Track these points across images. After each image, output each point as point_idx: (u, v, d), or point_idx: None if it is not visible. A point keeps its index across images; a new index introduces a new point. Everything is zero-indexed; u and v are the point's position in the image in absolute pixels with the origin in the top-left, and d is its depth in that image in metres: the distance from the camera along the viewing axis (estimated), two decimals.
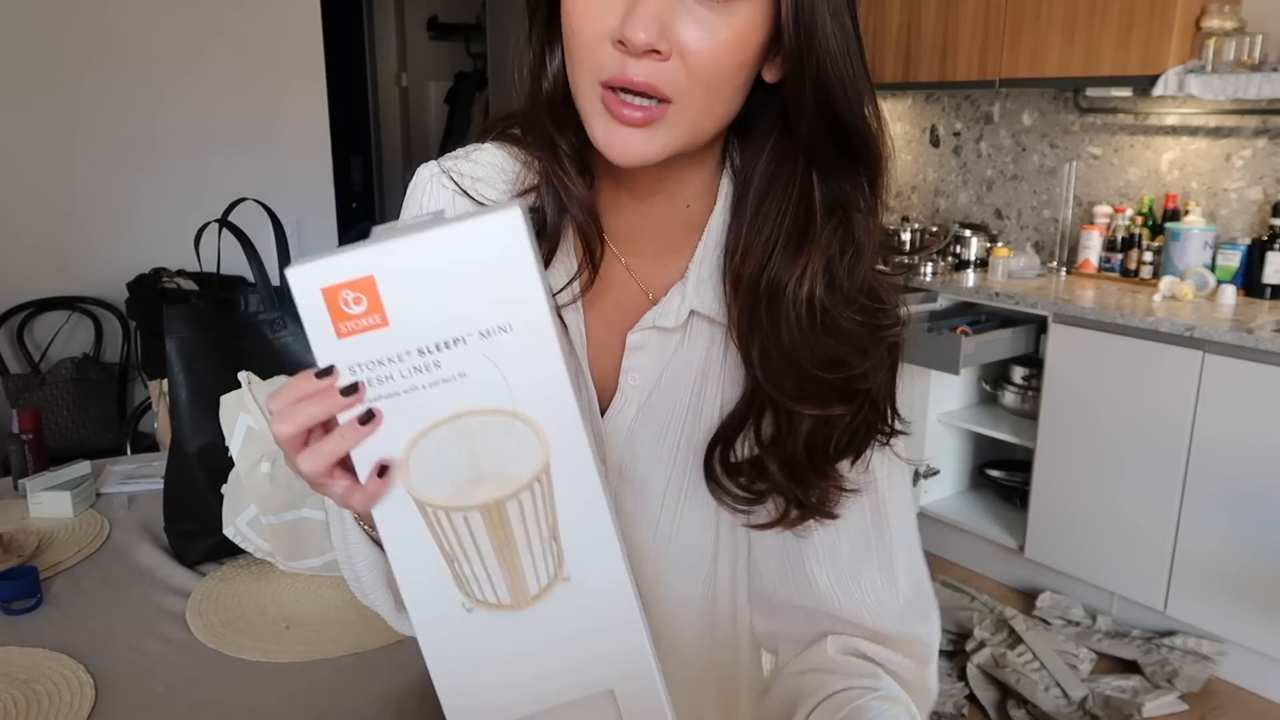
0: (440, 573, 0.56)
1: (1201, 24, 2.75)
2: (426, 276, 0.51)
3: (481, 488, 0.55)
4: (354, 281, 0.50)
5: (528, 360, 0.53)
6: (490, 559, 0.56)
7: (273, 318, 1.52)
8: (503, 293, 0.51)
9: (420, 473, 0.54)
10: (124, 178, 3.16)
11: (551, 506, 0.56)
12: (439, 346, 0.52)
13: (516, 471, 0.54)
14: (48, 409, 2.88)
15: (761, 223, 0.67)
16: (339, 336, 0.52)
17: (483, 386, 0.53)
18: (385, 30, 5.94)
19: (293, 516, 1.31)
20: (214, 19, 3.21)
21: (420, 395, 0.53)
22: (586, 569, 0.57)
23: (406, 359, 0.52)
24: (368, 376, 0.52)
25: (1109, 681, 2.54)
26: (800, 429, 0.68)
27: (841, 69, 0.61)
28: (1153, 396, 2.62)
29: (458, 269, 0.51)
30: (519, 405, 0.53)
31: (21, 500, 1.61)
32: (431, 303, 0.51)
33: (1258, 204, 2.90)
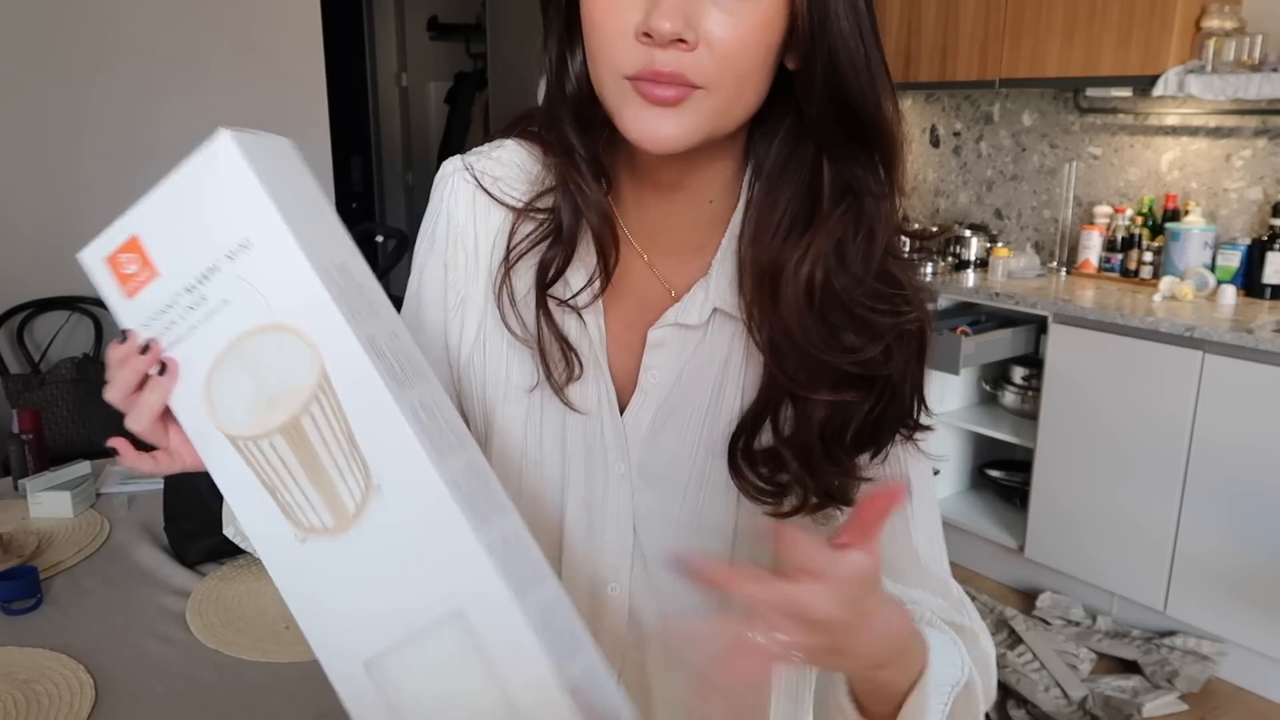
0: (269, 506, 0.57)
1: (1201, 24, 2.75)
2: (173, 221, 0.55)
3: (275, 410, 0.55)
4: (124, 244, 0.56)
5: (274, 269, 0.54)
6: (304, 482, 0.56)
7: None
8: (232, 213, 0.54)
9: (221, 408, 0.56)
10: (125, 177, 3.16)
11: (341, 413, 0.55)
12: (199, 280, 0.55)
13: (300, 382, 0.55)
14: (48, 409, 2.88)
15: (771, 207, 0.67)
16: (128, 296, 0.56)
17: (245, 308, 0.55)
18: (385, 30, 5.94)
19: None
20: (215, 19, 3.21)
21: (200, 332, 0.56)
22: (394, 477, 0.55)
23: (180, 301, 0.55)
24: (157, 329, 0.56)
25: (1109, 681, 2.54)
26: (815, 418, 0.67)
27: (854, 52, 0.62)
28: (1153, 397, 2.62)
29: (194, 206, 0.55)
30: (280, 316, 0.54)
31: (21, 500, 1.61)
32: (182, 242, 0.55)
33: (1258, 204, 2.90)
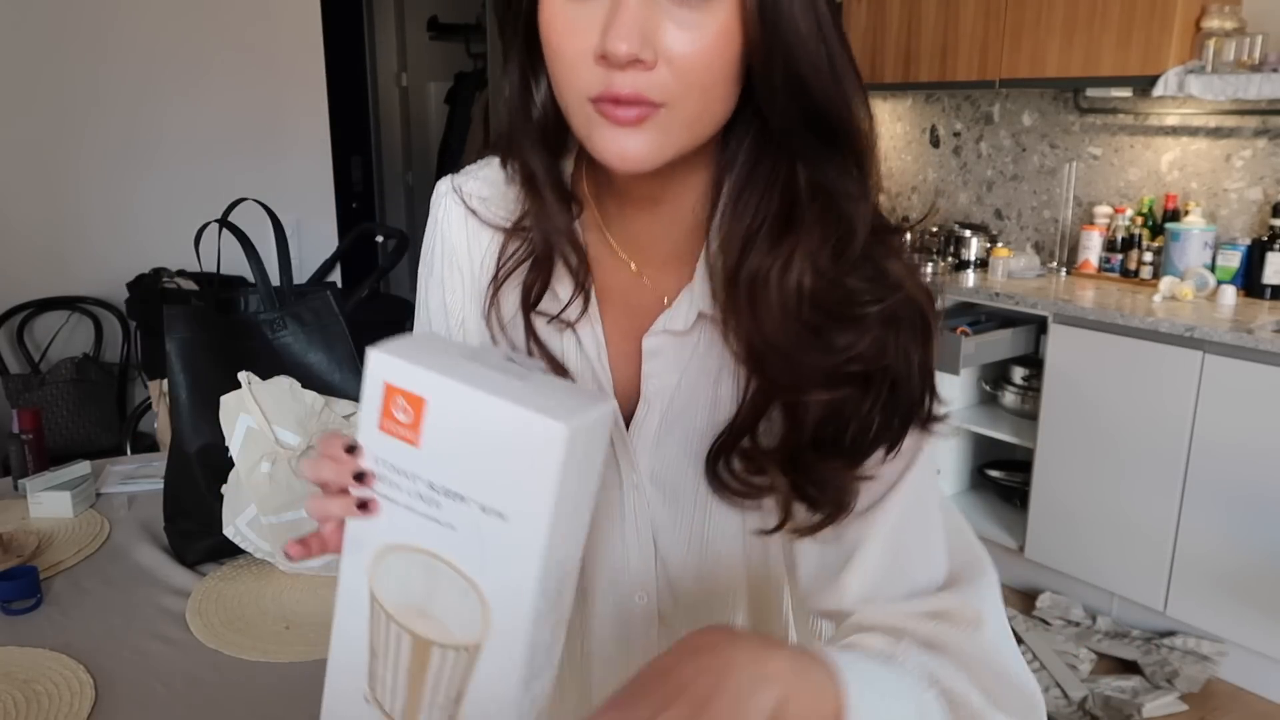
0: (362, 655, 0.61)
1: (1201, 24, 2.75)
2: (465, 428, 0.54)
3: (422, 621, 0.58)
4: (410, 394, 0.55)
5: (509, 555, 0.55)
6: (401, 678, 0.60)
7: (273, 318, 1.52)
8: (518, 486, 0.54)
9: (384, 574, 0.59)
10: (124, 178, 3.16)
11: (464, 680, 0.58)
12: (446, 493, 0.55)
13: (454, 631, 0.58)
14: (48, 409, 2.88)
15: (741, 213, 0.66)
16: (379, 429, 0.56)
17: (463, 548, 0.56)
18: (385, 30, 5.94)
19: (292, 516, 1.30)
20: (214, 19, 3.21)
21: (413, 517, 0.57)
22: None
23: (417, 483, 0.56)
24: (382, 473, 0.57)
25: (1109, 682, 2.54)
26: (807, 420, 0.65)
27: (814, 55, 0.59)
28: (1153, 397, 2.62)
29: (493, 440, 0.53)
30: (483, 584, 0.56)
31: (21, 500, 1.61)
32: (458, 452, 0.55)
33: (1258, 204, 2.90)
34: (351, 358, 1.53)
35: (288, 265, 1.59)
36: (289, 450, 1.29)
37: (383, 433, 0.56)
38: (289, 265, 1.59)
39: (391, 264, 2.01)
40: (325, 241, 3.47)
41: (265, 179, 3.31)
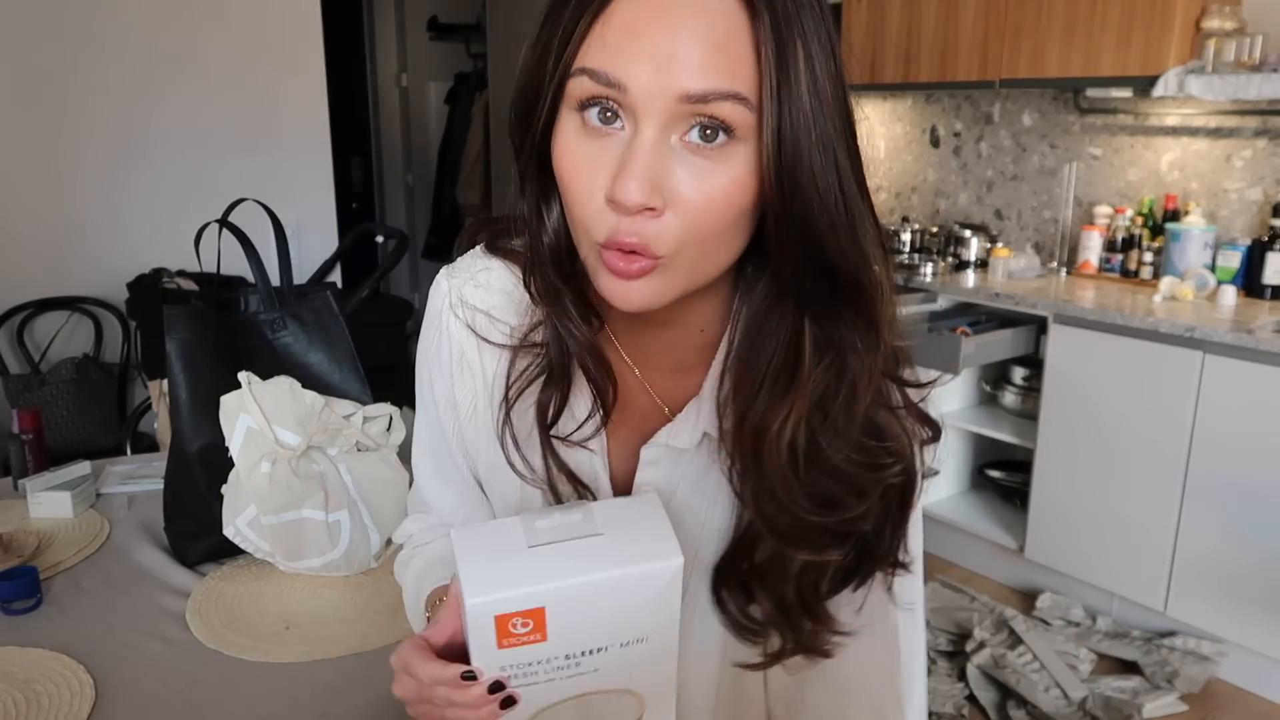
0: None
1: (1201, 25, 2.75)
2: (590, 607, 0.58)
3: None
4: (524, 612, 0.57)
5: (653, 659, 0.62)
6: None
7: (273, 318, 1.52)
8: (653, 616, 0.59)
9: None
10: (124, 178, 3.16)
11: None
12: (585, 653, 0.59)
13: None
14: (48, 409, 2.88)
15: (753, 361, 0.65)
16: (499, 648, 0.58)
17: (610, 675, 0.61)
18: (385, 30, 5.94)
19: (292, 517, 1.31)
20: (214, 19, 3.21)
21: (556, 684, 0.60)
22: None
23: (554, 661, 0.59)
24: (514, 672, 0.59)
25: (1109, 682, 2.54)
26: (790, 569, 0.66)
27: (832, 213, 0.57)
28: (1153, 397, 2.62)
29: (618, 599, 0.58)
30: (634, 686, 0.63)
31: (21, 500, 1.61)
32: (590, 624, 0.58)
33: (1258, 204, 2.90)
34: (351, 358, 1.53)
35: (288, 265, 1.59)
36: (289, 450, 1.29)
37: (503, 650, 0.57)
38: (289, 265, 1.59)
39: (391, 264, 2.01)
40: (325, 241, 3.47)
41: (265, 179, 3.31)
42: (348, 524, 1.34)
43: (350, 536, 1.34)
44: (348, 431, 1.37)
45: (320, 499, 1.31)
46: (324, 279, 1.95)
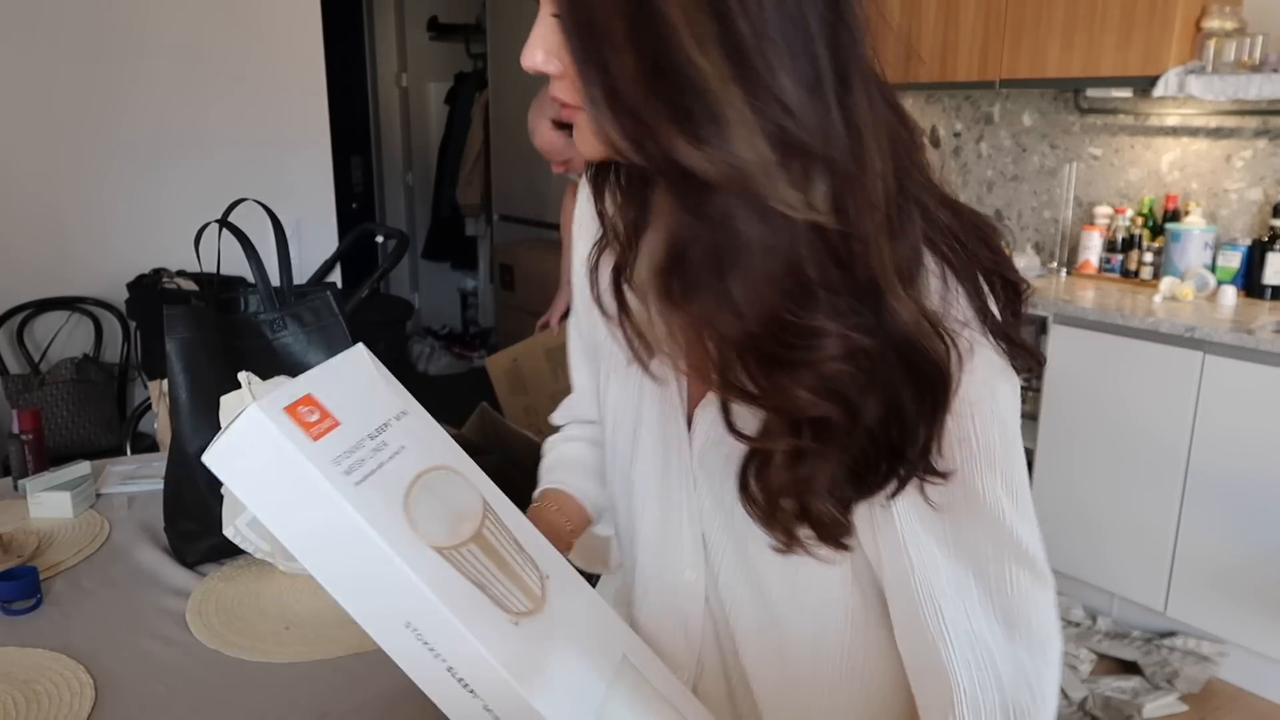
0: (484, 601, 0.62)
1: (1202, 25, 2.75)
2: (339, 391, 0.65)
3: (464, 524, 0.66)
4: (300, 399, 0.62)
5: (427, 431, 0.70)
6: (501, 576, 0.65)
7: (273, 318, 1.52)
8: (385, 395, 0.69)
9: (423, 527, 0.62)
10: (124, 178, 3.16)
11: (504, 526, 0.69)
12: (378, 430, 0.65)
13: (472, 505, 0.68)
14: (47, 409, 2.88)
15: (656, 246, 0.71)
16: (314, 440, 0.61)
17: (418, 453, 0.67)
18: (385, 30, 5.94)
19: None
20: (214, 19, 3.21)
21: (389, 467, 0.64)
22: (552, 566, 0.71)
23: (366, 445, 0.63)
24: (346, 466, 0.61)
25: (1109, 682, 2.54)
26: (776, 460, 0.67)
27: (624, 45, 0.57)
28: (1153, 397, 2.62)
29: (353, 384, 0.68)
30: (443, 459, 0.69)
31: (21, 500, 1.61)
32: (353, 404, 0.65)
33: (1258, 205, 2.90)
34: None
35: (288, 265, 1.59)
36: None
37: (317, 440, 0.61)
38: (289, 265, 1.59)
39: (392, 264, 2.00)
40: (325, 241, 3.47)
41: (265, 179, 3.31)
42: None
43: None
44: None
45: None
46: (324, 279, 1.95)
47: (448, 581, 0.60)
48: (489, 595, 0.62)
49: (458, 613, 0.59)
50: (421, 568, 0.59)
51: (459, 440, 0.80)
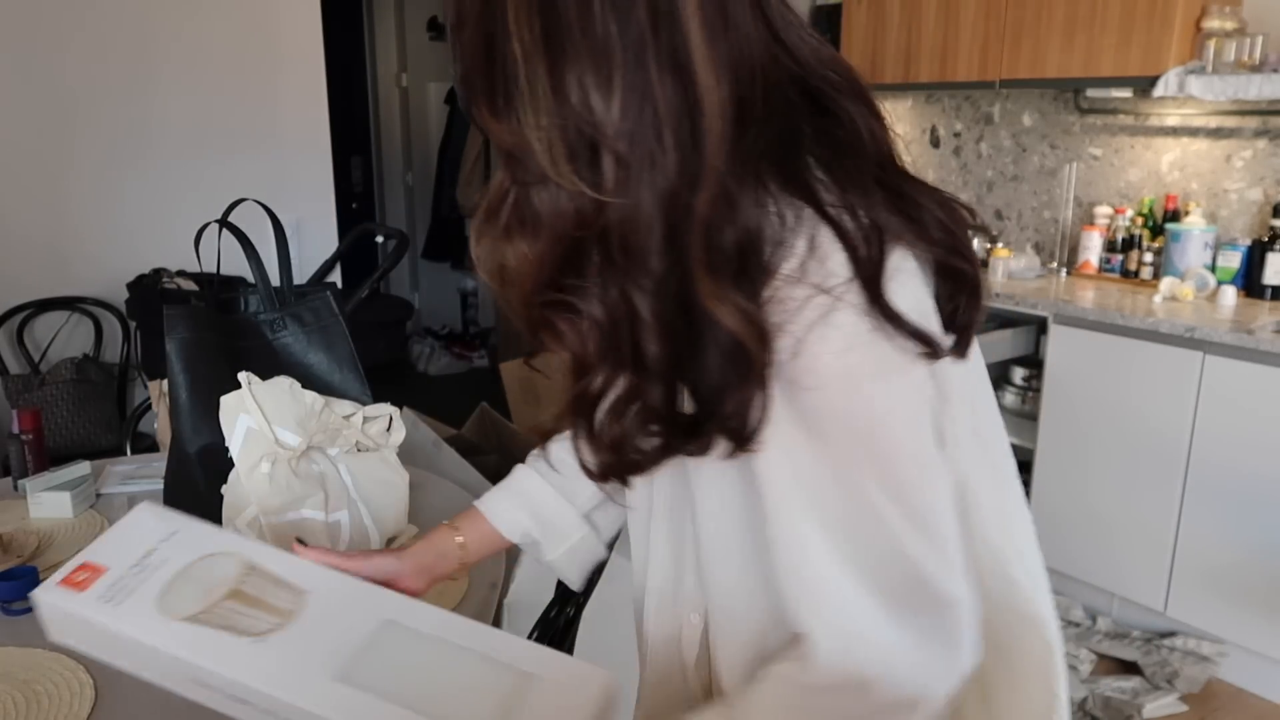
0: (229, 637, 0.79)
1: (1202, 25, 2.75)
2: (114, 543, 0.85)
3: (216, 590, 0.84)
4: (75, 569, 0.82)
5: (199, 537, 0.88)
6: (251, 611, 0.82)
7: (273, 318, 1.52)
8: (154, 525, 0.88)
9: (176, 608, 0.81)
10: (124, 178, 3.16)
11: (267, 572, 0.85)
12: (142, 557, 0.84)
13: (228, 573, 0.86)
14: (47, 409, 2.88)
15: None
16: (80, 591, 0.80)
17: (180, 558, 0.85)
18: (385, 30, 5.94)
19: (293, 517, 1.30)
20: (214, 19, 3.21)
21: (150, 579, 0.82)
22: (317, 584, 0.85)
23: (129, 574, 0.82)
24: (108, 597, 0.80)
25: (1109, 682, 2.54)
26: None
27: None
28: (1153, 397, 2.62)
29: (130, 531, 0.86)
30: (209, 550, 0.86)
31: (21, 500, 1.61)
32: (123, 549, 0.84)
33: (1258, 205, 2.90)
34: (351, 358, 1.53)
35: (288, 265, 1.59)
36: (289, 450, 1.29)
37: (82, 590, 0.81)
38: (289, 265, 1.59)
39: (391, 264, 2.00)
40: (325, 242, 3.47)
41: (265, 179, 3.31)
42: (348, 524, 1.34)
43: (350, 537, 1.34)
44: (348, 432, 1.37)
45: (320, 499, 1.31)
46: (324, 279, 1.95)
47: (198, 636, 0.79)
48: (238, 629, 0.79)
49: (204, 655, 0.78)
50: (169, 639, 0.78)
51: (459, 440, 0.81)
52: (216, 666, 0.77)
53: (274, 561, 0.86)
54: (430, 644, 0.81)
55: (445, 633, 0.82)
